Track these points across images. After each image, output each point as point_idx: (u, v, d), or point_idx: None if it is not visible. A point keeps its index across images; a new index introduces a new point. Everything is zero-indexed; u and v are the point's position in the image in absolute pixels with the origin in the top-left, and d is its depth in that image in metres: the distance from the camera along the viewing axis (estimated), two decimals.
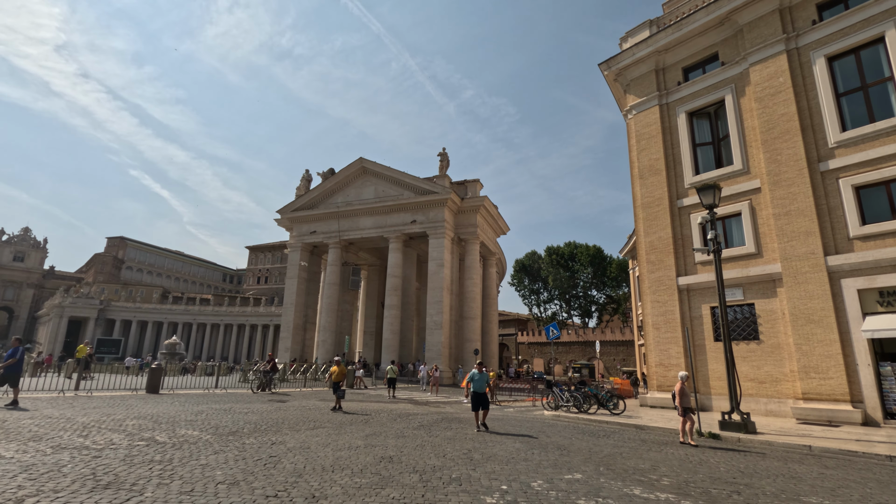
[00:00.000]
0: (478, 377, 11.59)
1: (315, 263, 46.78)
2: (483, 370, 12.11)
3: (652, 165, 21.37)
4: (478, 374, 11.67)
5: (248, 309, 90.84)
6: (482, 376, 11.67)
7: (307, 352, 44.13)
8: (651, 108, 21.85)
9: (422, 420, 12.72)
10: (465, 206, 41.37)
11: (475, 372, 11.73)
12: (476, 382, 11.49)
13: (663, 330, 19.64)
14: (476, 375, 11.64)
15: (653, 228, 20.79)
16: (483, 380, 11.61)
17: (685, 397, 11.06)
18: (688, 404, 11.03)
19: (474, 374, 11.71)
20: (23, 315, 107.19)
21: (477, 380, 11.52)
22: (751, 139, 18.60)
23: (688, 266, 19.68)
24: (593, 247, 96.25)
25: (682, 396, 11.03)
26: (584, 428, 12.93)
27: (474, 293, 41.38)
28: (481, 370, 11.95)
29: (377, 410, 14.83)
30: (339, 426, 10.73)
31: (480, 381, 11.52)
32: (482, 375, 11.73)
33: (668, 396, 18.74)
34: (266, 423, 10.58)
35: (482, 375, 11.73)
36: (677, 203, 20.46)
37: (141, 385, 17.35)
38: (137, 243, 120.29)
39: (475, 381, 11.54)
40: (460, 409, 16.78)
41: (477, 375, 11.62)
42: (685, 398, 11.04)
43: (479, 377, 11.60)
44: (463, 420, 13.11)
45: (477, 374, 11.66)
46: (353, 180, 43.76)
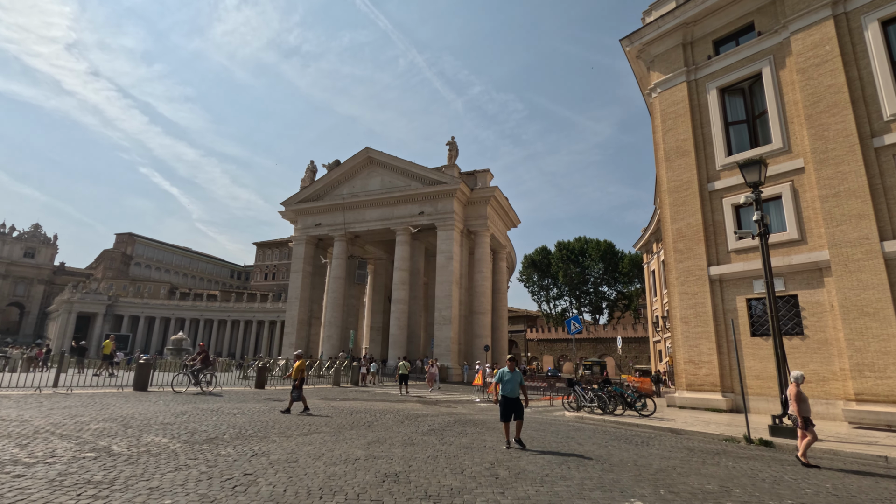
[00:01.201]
0: (509, 377, 9.10)
1: (320, 257, 45.56)
2: (516, 368, 9.39)
3: (679, 146, 19.73)
4: (509, 374, 9.14)
5: (256, 305, 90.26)
6: (514, 376, 9.13)
7: (312, 347, 42.96)
8: (678, 84, 20.19)
9: (432, 423, 11.32)
10: (475, 197, 39.88)
11: (505, 371, 9.21)
12: (507, 383, 9.03)
13: (693, 324, 18.06)
14: (507, 375, 9.14)
15: (680, 214, 19.18)
16: (516, 381, 9.09)
17: (804, 404, 8.65)
18: (807, 413, 8.56)
19: (504, 372, 9.21)
20: (34, 311, 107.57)
21: (508, 380, 9.06)
22: (792, 115, 16.92)
23: (720, 255, 18.06)
24: (604, 242, 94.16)
25: (801, 403, 8.63)
26: (615, 432, 11.45)
27: (484, 287, 39.94)
28: (514, 367, 9.32)
29: (382, 411, 13.47)
30: (338, 431, 9.35)
31: (513, 381, 9.05)
32: (514, 375, 9.15)
33: (700, 396, 17.22)
34: (254, 426, 9.22)
35: (514, 375, 9.15)
36: (707, 187, 18.82)
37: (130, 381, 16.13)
38: (146, 240, 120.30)
39: (506, 381, 9.05)
40: (473, 410, 15.36)
41: (508, 375, 9.12)
42: (804, 405, 8.64)
43: (510, 377, 9.10)
44: (478, 423, 11.69)
45: (508, 373, 9.16)
46: (360, 171, 42.42)
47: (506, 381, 9.11)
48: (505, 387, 9.05)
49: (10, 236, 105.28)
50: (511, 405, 8.89)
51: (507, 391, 9.02)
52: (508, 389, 9.02)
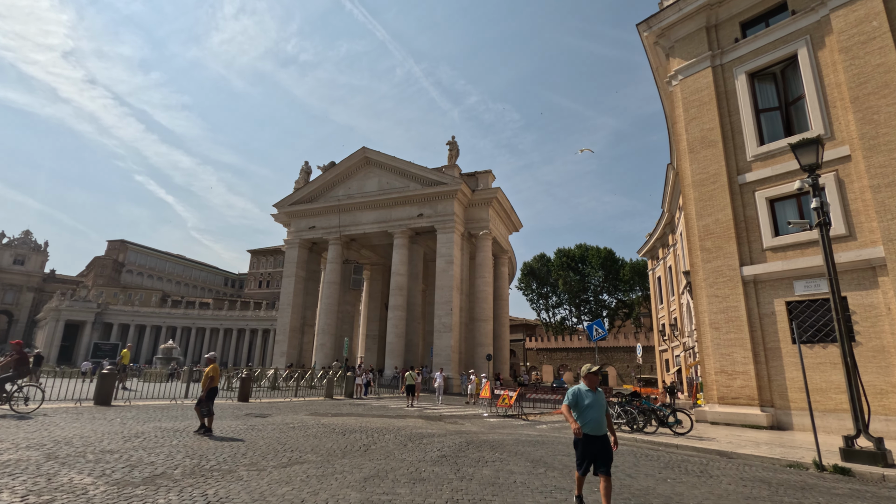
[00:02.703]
0: (591, 399, 5.47)
1: (314, 262, 43.64)
2: (598, 389, 5.64)
3: (705, 137, 18.12)
4: (590, 394, 5.52)
5: (249, 313, 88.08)
6: (599, 399, 5.52)
7: (305, 356, 40.86)
8: (702, 70, 18.63)
9: (441, 445, 9.46)
10: (476, 199, 38.18)
11: (583, 390, 5.55)
12: (589, 411, 5.40)
13: (724, 330, 16.29)
14: (587, 396, 5.50)
15: (708, 210, 17.50)
16: (602, 406, 5.50)
17: None
18: None
19: (581, 392, 5.52)
20: (22, 319, 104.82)
21: (590, 405, 5.42)
22: (834, 98, 15.33)
23: (753, 253, 16.36)
24: (605, 249, 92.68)
25: None
26: (658, 457, 9.62)
27: (486, 293, 38.09)
28: (595, 387, 5.60)
29: (381, 430, 11.58)
30: (327, 459, 7.50)
31: (598, 408, 5.44)
32: (598, 398, 5.54)
33: (735, 411, 15.41)
34: (219, 454, 7.35)
35: (598, 398, 5.54)
36: (738, 179, 17.18)
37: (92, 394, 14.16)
38: (138, 247, 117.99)
39: (587, 407, 5.43)
40: (484, 428, 13.48)
41: (589, 396, 5.50)
42: None
43: (593, 400, 5.48)
44: (495, 446, 9.83)
45: (588, 392, 5.53)
46: (356, 172, 40.69)
47: (587, 407, 5.37)
48: (586, 415, 5.36)
49: (0, 243, 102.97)
50: (596, 448, 5.26)
51: (591, 425, 5.31)
52: (592, 420, 5.33)
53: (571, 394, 5.60)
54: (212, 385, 9.81)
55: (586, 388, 5.60)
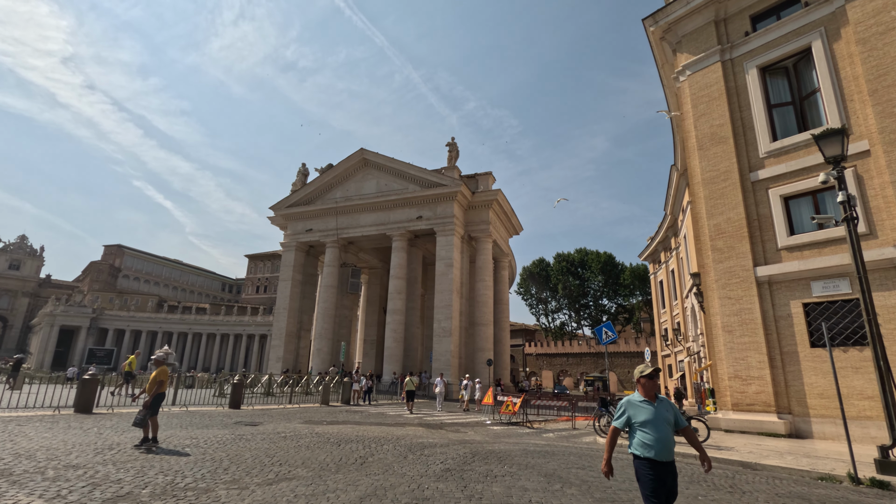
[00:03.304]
0: (650, 412, 4.15)
1: (311, 265, 42.89)
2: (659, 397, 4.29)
3: (714, 133, 17.51)
4: (647, 405, 4.21)
5: (246, 318, 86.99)
6: (662, 410, 4.18)
7: (301, 362, 40.01)
8: (711, 65, 18.06)
9: (444, 457, 8.72)
10: (477, 201, 37.53)
11: (637, 399, 4.27)
12: (652, 427, 4.08)
13: (738, 333, 15.59)
14: (643, 407, 4.20)
15: (719, 208, 16.86)
16: (668, 420, 4.15)
17: None
18: None
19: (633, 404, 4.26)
20: (17, 324, 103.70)
21: (652, 420, 4.10)
22: (851, 91, 14.75)
23: (768, 253, 15.71)
24: (604, 254, 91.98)
25: None
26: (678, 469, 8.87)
27: (486, 297, 37.36)
28: (654, 395, 4.28)
29: (379, 439, 10.83)
30: (319, 474, 6.76)
31: (662, 422, 4.10)
32: (662, 408, 4.19)
33: (750, 418, 14.68)
34: (198, 469, 6.60)
35: (662, 408, 4.19)
36: (750, 177, 16.56)
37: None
38: (135, 251, 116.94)
39: (647, 423, 4.10)
40: (488, 436, 12.73)
41: (646, 408, 4.19)
42: None
43: (655, 413, 4.14)
44: (503, 457, 9.08)
45: (644, 403, 4.22)
46: (354, 173, 40.03)
47: (645, 425, 4.08)
48: (648, 434, 4.03)
49: None
50: (667, 476, 4.03)
51: (658, 447, 3.98)
52: (658, 440, 4.00)
53: (619, 409, 4.20)
54: (160, 391, 8.48)
55: (641, 398, 4.17)
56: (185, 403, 15.83)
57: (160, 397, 8.50)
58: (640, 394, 4.26)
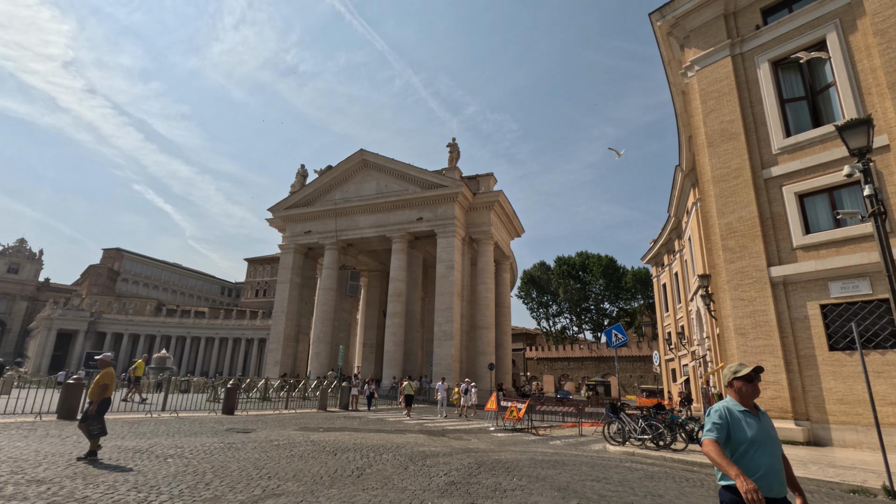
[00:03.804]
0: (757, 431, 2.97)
1: (310, 268, 42.29)
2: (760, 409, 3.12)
3: (725, 129, 16.97)
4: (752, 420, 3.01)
5: (245, 322, 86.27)
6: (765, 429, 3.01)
7: (300, 366, 39.33)
8: (721, 59, 17.54)
9: (448, 468, 8.10)
10: (478, 203, 36.98)
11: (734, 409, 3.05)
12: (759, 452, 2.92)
13: (752, 336, 14.99)
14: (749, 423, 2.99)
15: (730, 207, 16.29)
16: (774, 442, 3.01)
17: None
18: None
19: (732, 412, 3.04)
20: (15, 328, 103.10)
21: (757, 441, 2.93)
22: (869, 84, 14.21)
23: (782, 253, 15.12)
24: (606, 257, 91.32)
25: None
26: (697, 480, 8.29)
27: (488, 300, 36.74)
28: (753, 403, 3.10)
29: (377, 448, 10.20)
30: (311, 489, 6.14)
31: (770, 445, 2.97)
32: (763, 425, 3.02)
33: None
34: (176, 485, 5.98)
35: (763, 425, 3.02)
36: (762, 174, 16.00)
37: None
38: (134, 255, 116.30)
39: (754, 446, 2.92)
40: (493, 444, 12.09)
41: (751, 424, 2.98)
42: None
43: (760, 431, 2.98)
44: (510, 467, 8.46)
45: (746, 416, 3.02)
46: (353, 175, 39.51)
47: (752, 445, 2.93)
48: (755, 459, 2.90)
49: None
50: None
51: (768, 479, 2.88)
52: (767, 468, 2.90)
53: (718, 417, 3.00)
54: (105, 395, 7.65)
55: (741, 407, 3.03)
56: (175, 409, 15.19)
57: (106, 403, 7.69)
58: (736, 399, 3.10)
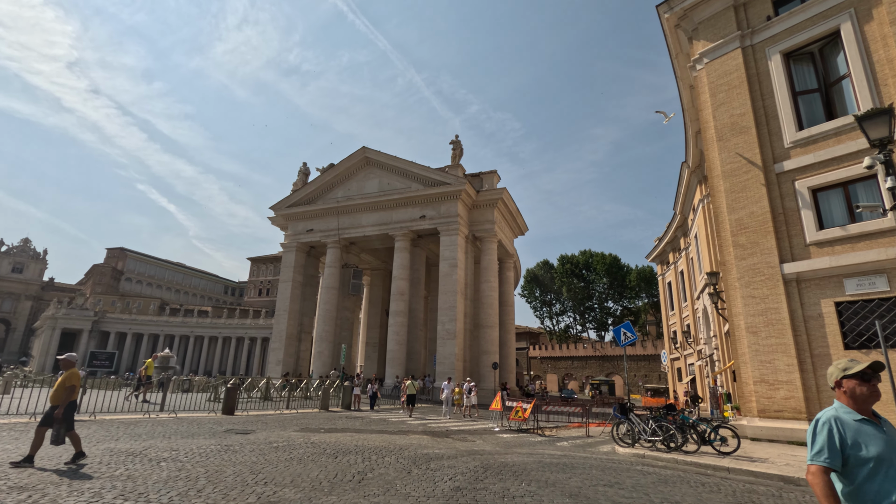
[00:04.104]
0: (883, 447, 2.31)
1: (312, 266, 42.06)
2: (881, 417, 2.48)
3: (735, 123, 16.57)
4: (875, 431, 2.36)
5: (248, 321, 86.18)
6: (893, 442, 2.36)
7: (302, 365, 39.11)
8: (731, 51, 17.13)
9: (453, 472, 7.78)
10: (481, 200, 36.64)
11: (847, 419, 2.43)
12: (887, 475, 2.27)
13: (764, 335, 14.60)
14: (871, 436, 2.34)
15: (740, 202, 15.90)
16: None
17: None
18: None
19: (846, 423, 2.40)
20: (20, 327, 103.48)
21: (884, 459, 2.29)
22: (885, 75, 13.79)
23: (795, 249, 14.73)
24: (610, 255, 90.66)
25: None
26: (713, 484, 7.93)
27: (492, 298, 36.39)
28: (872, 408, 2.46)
29: (380, 450, 9.89)
30: (309, 496, 5.84)
31: None
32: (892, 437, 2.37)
33: (778, 426, 13.70)
34: (167, 492, 5.66)
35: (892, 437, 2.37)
36: (774, 168, 15.60)
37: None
38: (137, 254, 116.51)
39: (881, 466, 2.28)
40: (499, 446, 11.77)
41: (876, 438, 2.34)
42: None
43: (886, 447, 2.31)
44: (518, 471, 8.14)
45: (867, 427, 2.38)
46: (356, 172, 39.23)
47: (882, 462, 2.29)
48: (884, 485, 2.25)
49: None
50: None
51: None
52: None
53: (828, 434, 2.39)
54: (72, 398, 7.17)
55: (857, 415, 2.44)
56: (174, 409, 14.93)
57: (72, 406, 7.25)
58: (851, 405, 2.47)
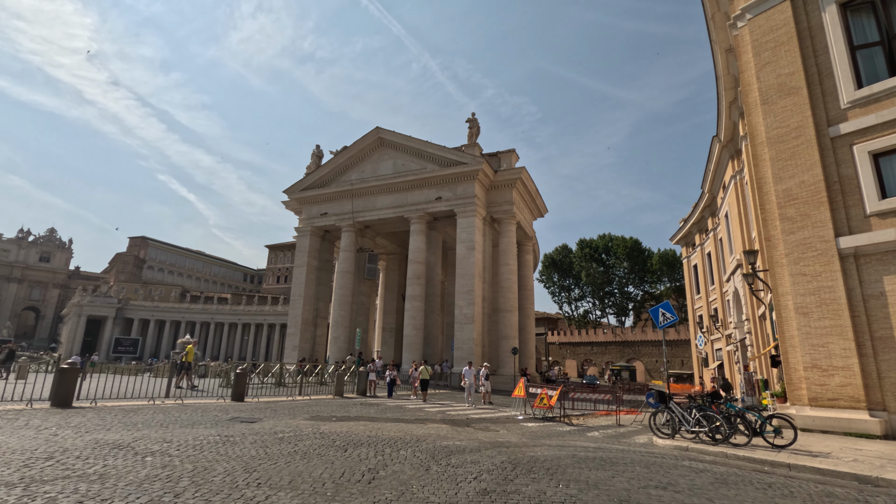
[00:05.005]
0: None
1: (327, 251, 41.41)
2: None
3: (783, 83, 14.97)
4: None
5: (267, 308, 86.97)
6: None
7: (318, 350, 38.72)
8: (778, 4, 15.42)
9: (478, 469, 6.80)
10: (499, 181, 35.28)
11: None
12: None
13: (816, 316, 13.22)
14: None
15: (789, 171, 14.40)
16: None
17: None
18: None
19: None
20: (48, 315, 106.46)
21: None
22: None
23: (852, 220, 13.24)
24: (630, 239, 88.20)
25: None
26: (781, 485, 6.81)
27: (511, 282, 35.25)
28: None
29: (395, 441, 8.99)
30: (307, 502, 4.89)
31: None
32: None
33: (833, 415, 12.41)
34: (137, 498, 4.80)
35: None
36: (828, 132, 14.03)
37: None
38: (158, 243, 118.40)
39: None
40: (525, 436, 10.78)
41: None
42: None
43: None
44: (552, 468, 7.12)
45: None
46: (369, 154, 38.18)
47: None
48: None
49: (26, 241, 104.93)
50: None
51: None
52: None
53: None
54: None
55: None
56: (181, 396, 14.31)
57: None
58: None
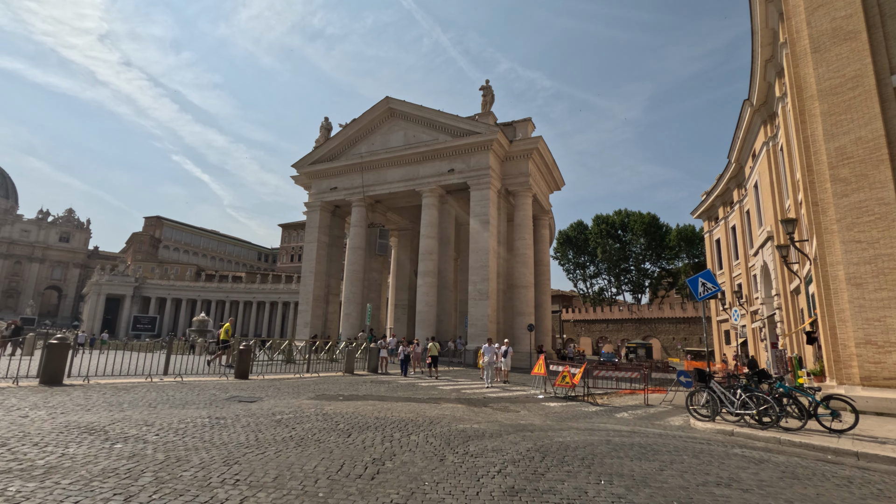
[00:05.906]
0: None
1: (337, 227, 40.53)
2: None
3: (838, 28, 13.29)
4: None
5: (281, 286, 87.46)
6: None
7: (330, 327, 38.25)
8: None
9: (501, 459, 5.84)
10: (514, 151, 33.71)
11: None
12: None
13: (872, 287, 11.90)
14: None
15: (843, 126, 12.86)
16: None
17: None
18: None
19: None
20: (70, 294, 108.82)
21: None
22: None
23: None
24: (648, 215, 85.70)
25: None
26: (865, 480, 5.71)
27: (526, 257, 34.02)
28: None
29: (405, 423, 8.10)
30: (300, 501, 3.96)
31: None
32: None
33: (891, 396, 11.18)
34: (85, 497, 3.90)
35: None
36: (892, 80, 12.44)
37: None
38: (174, 223, 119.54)
39: None
40: (549, 418, 9.83)
41: None
42: None
43: None
44: (587, 457, 6.11)
45: None
46: (379, 126, 36.79)
47: None
48: None
49: (46, 221, 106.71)
50: None
51: None
52: None
53: None
54: None
55: None
56: (180, 373, 13.64)
57: None
58: None
